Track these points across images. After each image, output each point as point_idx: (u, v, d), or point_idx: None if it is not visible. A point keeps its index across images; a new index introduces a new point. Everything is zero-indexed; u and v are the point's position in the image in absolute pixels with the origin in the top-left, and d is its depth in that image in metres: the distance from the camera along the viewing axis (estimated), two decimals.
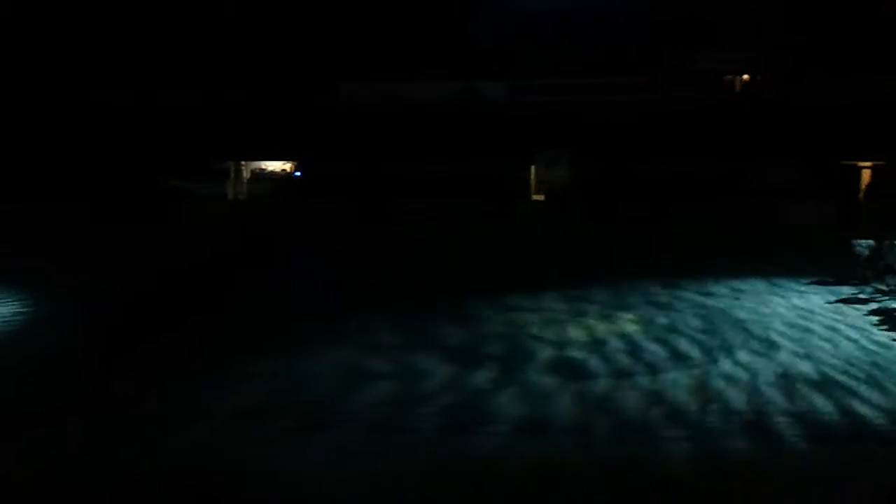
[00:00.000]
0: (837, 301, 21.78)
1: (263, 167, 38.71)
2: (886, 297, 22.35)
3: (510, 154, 36.13)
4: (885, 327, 17.59)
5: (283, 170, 38.37)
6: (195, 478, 10.12)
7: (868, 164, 35.28)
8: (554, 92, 37.72)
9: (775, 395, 12.97)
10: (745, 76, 38.23)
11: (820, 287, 23.67)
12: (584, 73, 37.29)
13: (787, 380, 13.62)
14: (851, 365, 14.43)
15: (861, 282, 23.70)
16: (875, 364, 14.54)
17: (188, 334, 16.47)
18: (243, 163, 38.38)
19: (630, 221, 32.88)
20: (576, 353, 15.25)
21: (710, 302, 19.93)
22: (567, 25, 38.46)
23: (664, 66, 37.03)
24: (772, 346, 15.82)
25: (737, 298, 20.49)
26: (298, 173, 37.70)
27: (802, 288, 23.27)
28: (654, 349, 15.47)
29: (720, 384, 13.48)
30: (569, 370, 14.31)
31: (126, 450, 11.07)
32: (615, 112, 36.86)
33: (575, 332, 16.80)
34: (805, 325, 17.53)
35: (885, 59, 35.16)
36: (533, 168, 37.58)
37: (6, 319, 17.94)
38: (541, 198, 36.59)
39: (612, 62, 37.35)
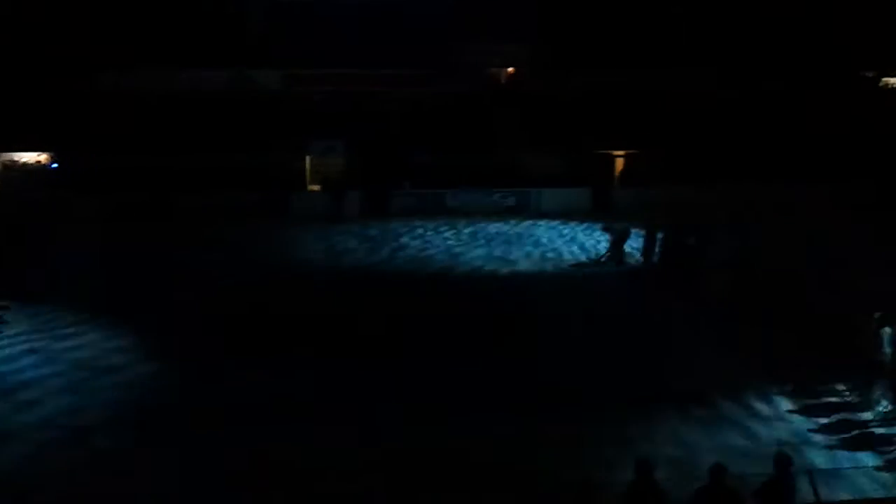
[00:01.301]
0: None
1: (16, 159, 35.78)
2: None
3: (285, 144, 35.68)
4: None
5: (38, 161, 35.66)
6: None
7: (621, 153, 37.92)
8: (329, 82, 37.62)
9: None
10: (510, 69, 39.93)
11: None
12: (359, 63, 37.40)
13: None
14: None
15: (615, 262, 25.59)
16: None
17: None
18: None
19: (403, 209, 33.62)
20: None
21: None
22: (342, 16, 38.39)
23: (436, 59, 37.84)
24: None
25: None
26: (55, 165, 35.18)
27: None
28: None
29: None
30: None
31: None
32: (389, 103, 37.34)
33: None
34: None
35: (638, 53, 37.92)
36: (308, 158, 37.30)
37: None
38: (317, 188, 36.43)
39: (388, 53, 37.69)
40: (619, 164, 38.09)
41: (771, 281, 18.92)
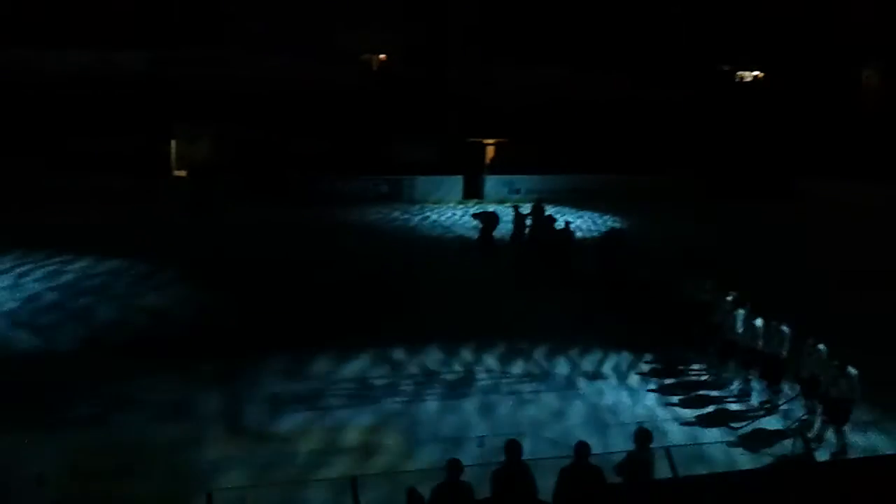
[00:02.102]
0: None
1: None
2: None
3: (150, 128, 34.42)
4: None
5: None
6: None
7: (491, 141, 38.42)
8: (196, 65, 36.51)
9: None
10: (382, 56, 39.78)
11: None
12: (227, 46, 36.49)
13: None
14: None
15: (485, 245, 25.90)
16: None
17: None
18: None
19: (271, 195, 32.91)
20: None
21: None
22: None
23: (308, 43, 37.25)
24: None
25: None
26: None
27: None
28: None
29: None
30: None
31: None
32: (259, 87, 36.53)
33: None
34: None
35: (508, 46, 38.53)
36: (174, 143, 36.13)
37: None
38: (183, 174, 35.31)
39: (260, 37, 36.87)
40: (490, 152, 38.59)
41: (634, 264, 19.58)
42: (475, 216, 26.56)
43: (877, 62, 41.65)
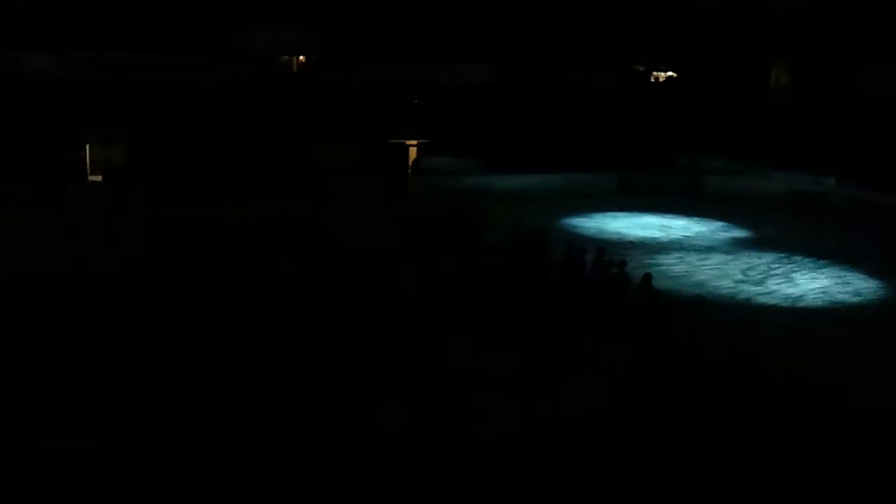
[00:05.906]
0: None
1: None
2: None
3: (62, 132, 33.47)
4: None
5: None
6: None
7: (414, 142, 38.43)
8: (111, 66, 35.62)
9: None
10: (301, 57, 39.46)
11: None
12: (138, 48, 35.74)
13: None
14: None
15: (412, 249, 25.94)
16: None
17: None
18: None
19: (193, 200, 32.16)
20: None
21: None
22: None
23: (216, 45, 36.79)
24: None
25: None
26: None
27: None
28: None
29: None
30: None
31: None
32: (175, 89, 35.89)
33: None
34: None
35: (424, 44, 38.64)
36: (88, 147, 35.24)
37: None
38: (98, 178, 34.46)
39: (163, 39, 36.21)
40: (413, 152, 38.58)
41: None
42: (408, 218, 26.36)
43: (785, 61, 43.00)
